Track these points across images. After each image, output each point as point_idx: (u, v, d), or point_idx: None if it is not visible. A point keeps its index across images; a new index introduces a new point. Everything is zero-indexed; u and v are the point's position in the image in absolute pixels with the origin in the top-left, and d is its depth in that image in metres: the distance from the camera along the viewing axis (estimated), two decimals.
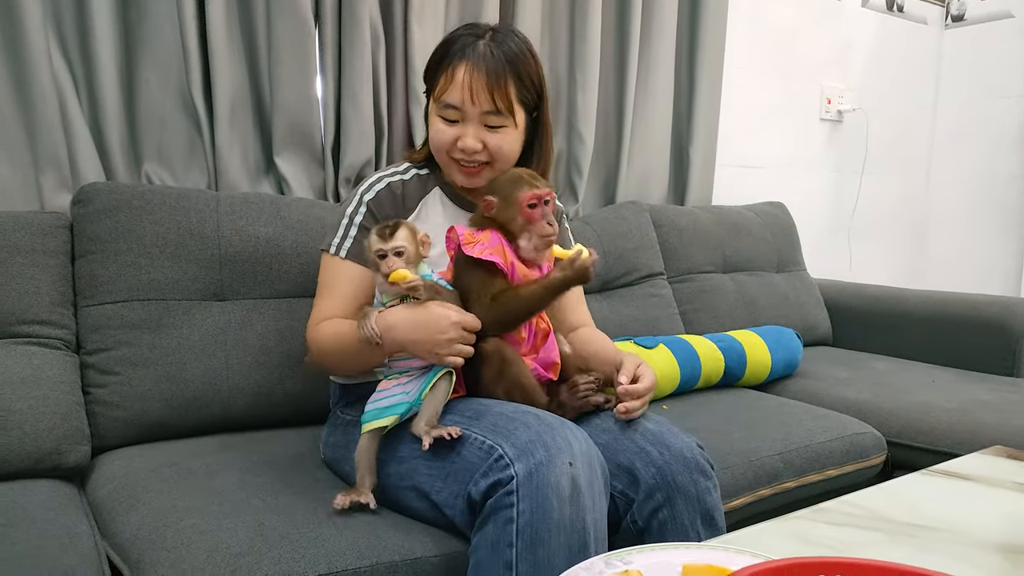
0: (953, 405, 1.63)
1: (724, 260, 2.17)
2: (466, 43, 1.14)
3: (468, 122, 1.15)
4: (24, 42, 1.35)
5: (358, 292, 1.19)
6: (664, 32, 2.16)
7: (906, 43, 3.03)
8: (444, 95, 1.15)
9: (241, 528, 0.96)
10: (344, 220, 1.20)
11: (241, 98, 1.61)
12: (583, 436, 0.97)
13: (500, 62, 1.13)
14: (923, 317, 2.17)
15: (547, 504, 0.88)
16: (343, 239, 1.19)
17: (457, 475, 0.98)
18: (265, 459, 1.22)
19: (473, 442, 0.97)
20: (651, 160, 2.22)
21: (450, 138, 1.16)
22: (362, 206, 1.20)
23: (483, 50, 1.13)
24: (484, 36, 1.15)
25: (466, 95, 1.13)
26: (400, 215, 1.20)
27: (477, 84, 1.12)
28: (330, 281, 1.20)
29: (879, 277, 2.95)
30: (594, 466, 0.94)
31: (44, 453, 1.16)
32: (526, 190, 1.10)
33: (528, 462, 0.91)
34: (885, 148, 3.02)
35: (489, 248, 1.09)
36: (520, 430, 0.95)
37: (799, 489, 1.41)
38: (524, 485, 0.89)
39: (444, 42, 1.18)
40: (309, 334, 1.20)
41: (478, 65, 1.12)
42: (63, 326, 1.30)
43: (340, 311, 1.18)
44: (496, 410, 1.01)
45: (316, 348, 1.19)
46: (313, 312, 1.21)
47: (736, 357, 1.76)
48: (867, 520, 0.90)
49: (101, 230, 1.34)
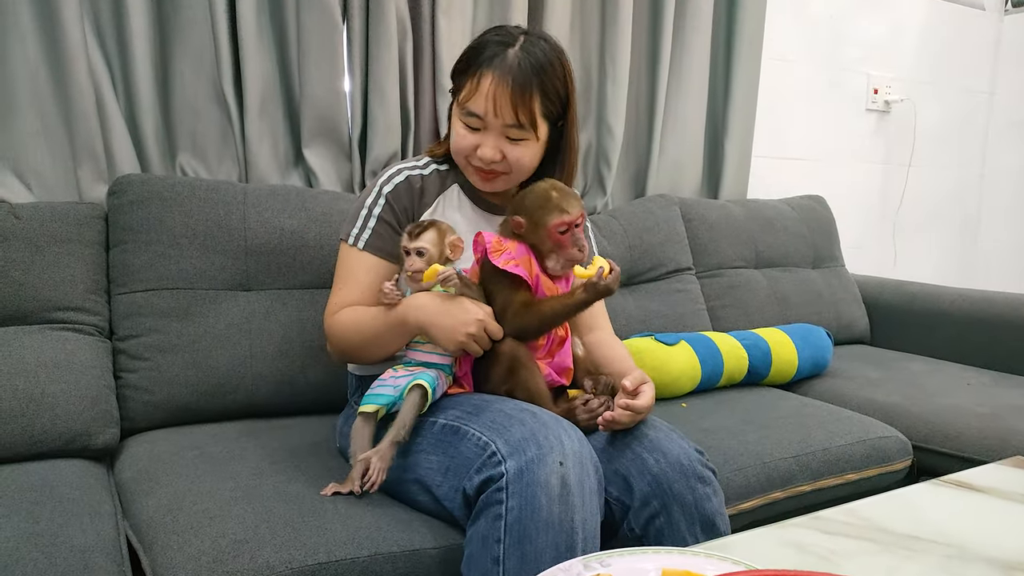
0: (985, 410, 1.59)
1: (756, 255, 2.14)
2: (496, 51, 1.13)
3: (489, 131, 1.15)
4: (62, 37, 1.40)
5: (376, 283, 1.20)
6: (699, 19, 2.12)
7: (961, 30, 2.91)
8: (468, 102, 1.14)
9: (249, 514, 1.00)
10: (363, 211, 1.22)
11: (271, 91, 1.64)
12: (577, 435, 0.98)
13: (527, 75, 1.11)
14: (962, 316, 2.10)
15: (535, 502, 0.89)
16: (361, 230, 1.21)
17: (456, 470, 1.00)
18: (283, 446, 1.26)
19: (471, 438, 0.99)
20: (683, 153, 2.19)
21: (470, 144, 1.16)
22: (381, 197, 1.21)
23: (511, 61, 1.11)
24: (514, 44, 1.13)
25: (490, 107, 1.12)
26: (418, 209, 1.22)
27: (502, 97, 1.11)
28: (348, 271, 1.22)
29: (925, 274, 2.87)
30: (586, 465, 0.95)
31: (74, 434, 1.22)
32: (555, 217, 1.09)
33: (520, 459, 0.92)
34: (935, 140, 2.92)
35: (516, 259, 1.10)
36: (515, 427, 0.96)
37: (815, 493, 1.39)
38: (514, 482, 0.91)
39: (473, 46, 1.17)
40: (327, 322, 1.22)
41: (504, 77, 1.11)
42: (97, 313, 1.36)
43: (359, 300, 1.20)
44: (496, 406, 1.02)
45: (335, 336, 1.21)
46: (330, 301, 1.23)
47: (761, 355, 1.74)
48: (864, 530, 0.89)
49: (134, 221, 1.39)
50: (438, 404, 1.10)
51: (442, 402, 1.10)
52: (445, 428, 1.04)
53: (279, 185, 1.56)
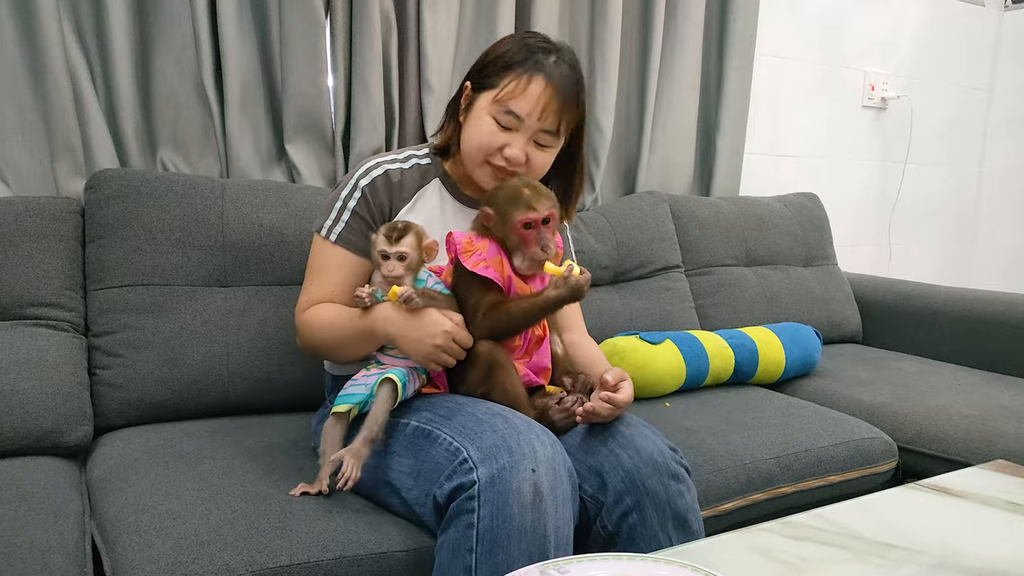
0: (973, 411, 1.56)
1: (747, 253, 2.12)
2: (544, 57, 1.13)
3: (521, 133, 1.14)
4: (39, 31, 1.38)
5: (348, 279, 1.19)
6: (691, 14, 2.10)
7: (960, 26, 2.88)
8: (511, 101, 1.12)
9: (214, 515, 0.98)
10: (337, 203, 1.20)
11: (252, 86, 1.63)
12: (550, 441, 0.96)
13: (573, 86, 1.14)
14: (956, 316, 2.08)
15: (508, 510, 0.88)
16: (335, 223, 1.19)
17: (426, 475, 0.98)
18: (257, 445, 1.25)
19: (442, 442, 0.98)
20: (675, 149, 2.17)
21: (499, 142, 1.14)
22: (357, 191, 1.19)
23: (563, 69, 1.13)
24: (556, 53, 1.14)
25: (536, 109, 1.11)
26: (395, 204, 1.20)
27: (551, 103, 1.12)
28: (320, 265, 1.20)
29: (922, 273, 2.85)
30: (559, 472, 0.93)
31: (45, 432, 1.21)
32: (522, 212, 1.07)
33: (491, 467, 0.90)
34: (933, 137, 2.90)
35: (486, 260, 1.09)
36: (487, 433, 0.95)
37: (797, 495, 1.37)
38: (486, 490, 0.89)
39: (515, 45, 1.15)
40: (298, 318, 1.21)
41: (557, 84, 1.12)
42: (71, 309, 1.35)
43: (330, 296, 1.19)
44: (468, 409, 1.01)
45: (306, 332, 1.20)
46: (302, 295, 1.22)
47: (747, 354, 1.72)
48: (835, 536, 0.87)
49: (110, 215, 1.38)
50: (411, 405, 1.08)
51: (415, 403, 1.09)
52: (417, 431, 1.03)
53: (258, 180, 1.54)
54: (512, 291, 1.10)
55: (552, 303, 1.06)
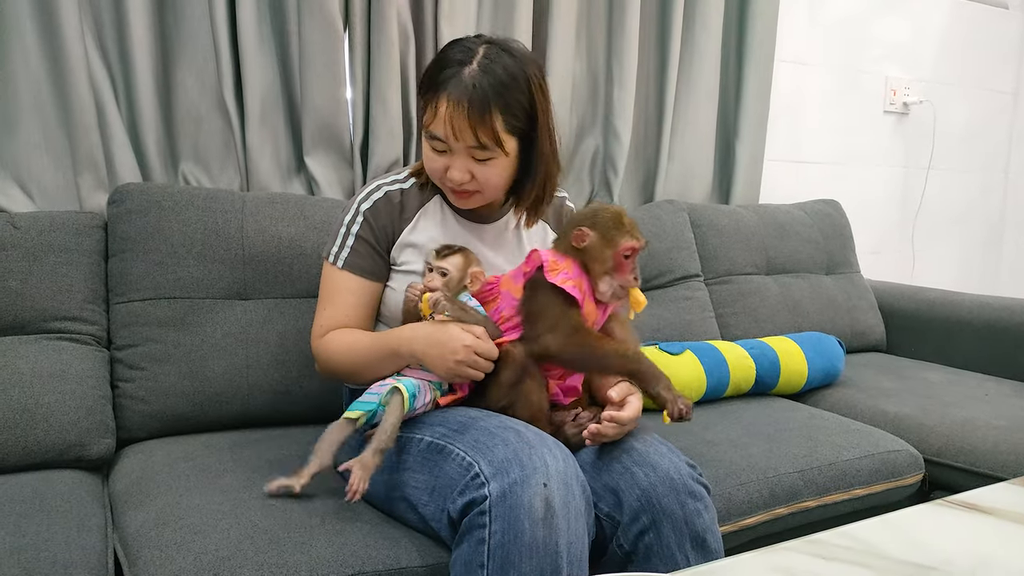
0: (1002, 423, 1.53)
1: (768, 261, 2.10)
2: (452, 72, 1.07)
3: (456, 154, 1.11)
4: (63, 48, 1.40)
5: (359, 303, 1.20)
6: (709, 21, 2.09)
7: (983, 29, 2.84)
8: (430, 126, 1.10)
9: (235, 529, 0.98)
10: (342, 229, 1.21)
11: (272, 99, 1.64)
12: (563, 455, 0.95)
13: (484, 95, 1.05)
14: (982, 324, 2.04)
15: (519, 525, 0.87)
16: (340, 248, 1.20)
17: (440, 490, 0.98)
18: (277, 458, 1.25)
19: (455, 457, 0.97)
20: (693, 157, 2.16)
21: (440, 167, 1.13)
22: (359, 215, 1.20)
23: (467, 81, 1.06)
24: (471, 61, 1.07)
25: (448, 131, 1.08)
26: (397, 225, 1.21)
27: (459, 121, 1.06)
28: (330, 291, 1.21)
29: (946, 281, 2.80)
30: (572, 486, 0.93)
31: (68, 445, 1.22)
32: (627, 240, 1.10)
33: (503, 481, 0.90)
34: (956, 142, 2.86)
35: (572, 280, 1.10)
36: (498, 447, 0.94)
37: (821, 509, 1.35)
38: (497, 505, 0.89)
39: (432, 65, 1.12)
40: (315, 344, 1.22)
41: (460, 100, 1.05)
42: (94, 322, 1.36)
43: (343, 321, 1.19)
44: (481, 424, 1.00)
45: (324, 359, 1.21)
46: (316, 321, 1.22)
47: (769, 365, 1.70)
48: (862, 555, 0.85)
49: (132, 229, 1.39)
50: (425, 420, 1.08)
51: (429, 418, 1.09)
52: (431, 446, 1.03)
53: (278, 193, 1.55)
54: (583, 313, 1.11)
55: (635, 371, 1.06)
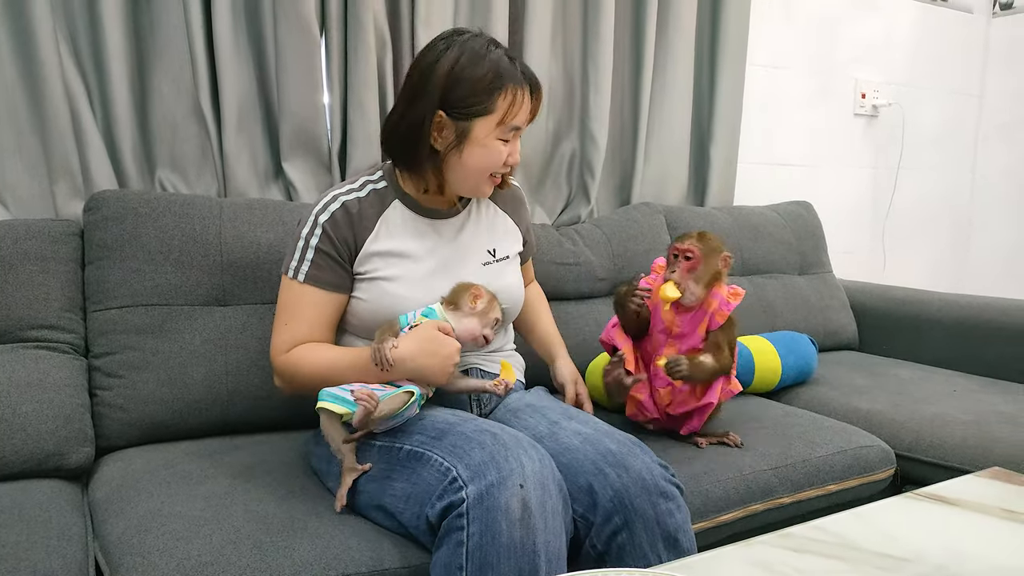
0: (969, 417, 1.57)
1: (742, 262, 2.13)
2: (509, 64, 1.16)
3: (516, 138, 1.21)
4: (36, 54, 1.40)
5: (322, 316, 1.20)
6: (682, 25, 2.12)
7: (949, 33, 2.91)
8: (514, 119, 1.17)
9: (217, 535, 0.99)
10: (300, 243, 1.19)
11: (249, 105, 1.64)
12: (539, 456, 0.97)
13: (535, 77, 1.21)
14: (951, 322, 2.09)
15: (496, 527, 0.89)
16: (300, 262, 1.19)
17: (418, 497, 0.99)
18: (257, 463, 1.26)
19: (432, 463, 0.99)
20: (669, 160, 2.19)
21: (502, 158, 1.19)
22: (317, 227, 1.19)
23: (527, 71, 1.19)
24: (500, 49, 1.18)
25: (530, 116, 1.20)
26: (359, 235, 1.20)
27: (537, 105, 1.20)
28: (291, 305, 1.20)
29: (917, 279, 2.86)
30: (548, 486, 0.94)
31: (47, 454, 1.21)
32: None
33: (480, 484, 0.91)
34: (925, 144, 2.92)
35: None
36: (475, 451, 0.96)
37: (795, 505, 1.38)
38: (474, 508, 0.90)
39: (486, 63, 1.14)
40: (280, 360, 1.20)
41: (535, 87, 1.19)
42: (71, 331, 1.35)
43: (307, 335, 1.19)
44: (458, 429, 1.02)
45: (292, 374, 1.19)
46: (277, 337, 1.21)
47: (743, 363, 1.73)
48: (834, 548, 0.88)
49: (109, 237, 1.39)
50: (404, 428, 1.09)
51: (408, 426, 1.10)
52: (410, 454, 1.04)
53: (255, 199, 1.55)
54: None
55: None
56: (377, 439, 1.11)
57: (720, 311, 1.35)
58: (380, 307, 1.20)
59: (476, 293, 1.18)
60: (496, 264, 1.30)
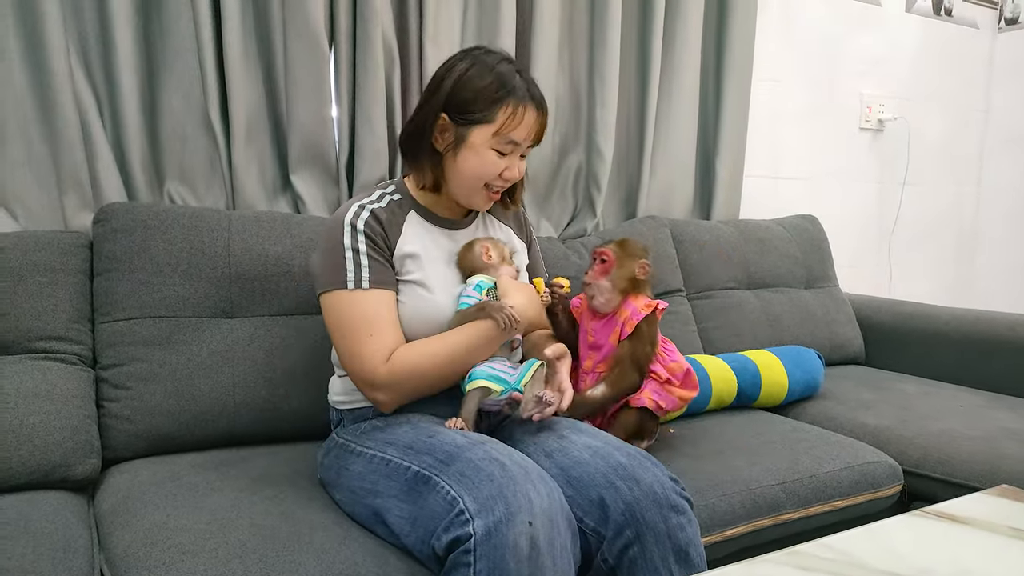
0: (977, 433, 1.57)
1: (748, 276, 2.13)
2: (518, 81, 1.20)
3: (515, 154, 1.23)
4: (48, 67, 1.41)
5: (395, 317, 1.19)
6: (688, 40, 2.13)
7: (955, 48, 2.92)
8: (512, 132, 1.19)
9: (223, 549, 0.99)
10: (348, 254, 1.18)
11: (258, 118, 1.65)
12: (547, 490, 0.96)
13: (543, 97, 1.24)
14: (959, 336, 2.08)
15: (504, 565, 0.88)
16: (358, 270, 1.17)
17: (424, 523, 0.98)
18: (264, 476, 1.26)
19: (439, 490, 0.98)
20: (674, 173, 2.19)
21: (499, 169, 1.22)
22: (359, 234, 1.19)
23: (535, 91, 1.22)
24: (513, 64, 1.22)
25: (532, 134, 1.22)
26: (392, 239, 1.23)
27: (540, 125, 1.23)
28: (368, 315, 1.16)
29: (922, 294, 2.86)
30: (557, 521, 0.94)
31: (53, 466, 1.22)
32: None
33: (487, 519, 0.91)
34: (931, 158, 2.92)
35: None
36: (484, 483, 0.95)
37: (802, 520, 1.37)
38: (482, 544, 0.89)
39: (493, 76, 1.18)
40: (383, 371, 1.14)
41: (540, 107, 1.22)
42: (79, 342, 1.36)
43: (397, 340, 1.17)
44: (466, 455, 1.01)
45: (407, 379, 1.16)
46: (366, 352, 1.15)
47: (750, 378, 1.72)
48: (842, 566, 0.88)
49: (118, 249, 1.39)
50: (413, 447, 1.08)
51: (417, 444, 1.09)
52: (417, 476, 1.03)
53: (264, 211, 1.56)
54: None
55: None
56: (386, 453, 1.10)
57: (630, 320, 1.35)
58: (416, 309, 1.20)
59: (481, 249, 1.25)
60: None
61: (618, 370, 1.35)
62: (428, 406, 1.22)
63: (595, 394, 1.35)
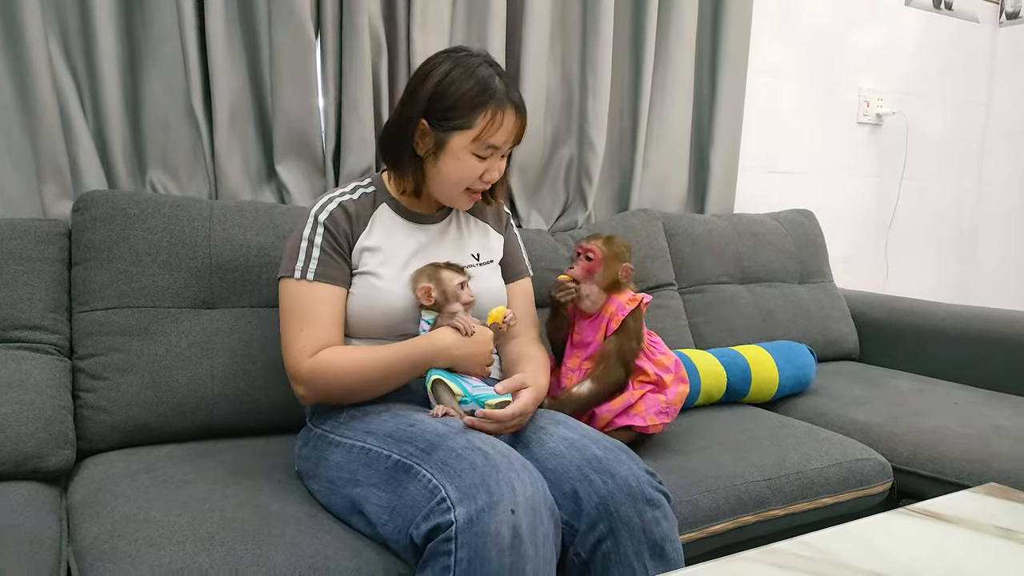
0: (969, 431, 1.54)
1: (741, 271, 2.11)
2: (498, 84, 1.19)
3: (496, 156, 1.23)
4: (26, 52, 1.39)
5: (335, 313, 1.19)
6: (683, 31, 2.10)
7: (955, 42, 2.88)
8: (491, 137, 1.19)
9: (191, 542, 0.97)
10: (303, 243, 1.20)
11: (241, 106, 1.63)
12: (530, 479, 0.94)
13: (523, 100, 1.24)
14: (955, 333, 2.06)
15: (485, 553, 0.86)
16: (307, 262, 1.19)
17: (403, 512, 0.96)
18: (239, 468, 1.24)
19: (420, 478, 0.96)
20: (668, 166, 2.16)
21: (479, 172, 1.22)
22: (319, 226, 1.21)
23: (514, 94, 1.21)
24: (495, 69, 1.21)
25: (511, 138, 1.22)
26: (355, 231, 1.23)
27: (520, 128, 1.23)
28: (304, 308, 1.18)
29: (920, 290, 2.83)
30: (539, 511, 0.92)
31: (25, 456, 1.20)
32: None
33: (469, 507, 0.89)
34: (930, 153, 2.89)
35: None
36: (466, 472, 0.93)
37: (788, 517, 1.35)
38: (463, 532, 0.88)
39: (474, 81, 1.18)
40: (305, 367, 1.16)
41: (520, 111, 1.22)
42: (56, 332, 1.34)
43: (328, 337, 1.17)
44: (448, 444, 0.99)
45: (324, 380, 1.16)
46: (295, 344, 1.17)
47: (740, 373, 1.70)
48: (820, 564, 0.85)
49: (96, 238, 1.37)
50: (393, 435, 1.07)
51: (398, 433, 1.07)
52: (398, 465, 1.01)
53: (246, 201, 1.54)
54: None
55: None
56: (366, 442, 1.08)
57: (616, 316, 1.35)
58: (368, 301, 1.21)
59: (421, 292, 1.19)
60: (480, 267, 1.32)
61: (603, 366, 1.34)
62: (406, 394, 1.20)
63: (581, 391, 1.33)
